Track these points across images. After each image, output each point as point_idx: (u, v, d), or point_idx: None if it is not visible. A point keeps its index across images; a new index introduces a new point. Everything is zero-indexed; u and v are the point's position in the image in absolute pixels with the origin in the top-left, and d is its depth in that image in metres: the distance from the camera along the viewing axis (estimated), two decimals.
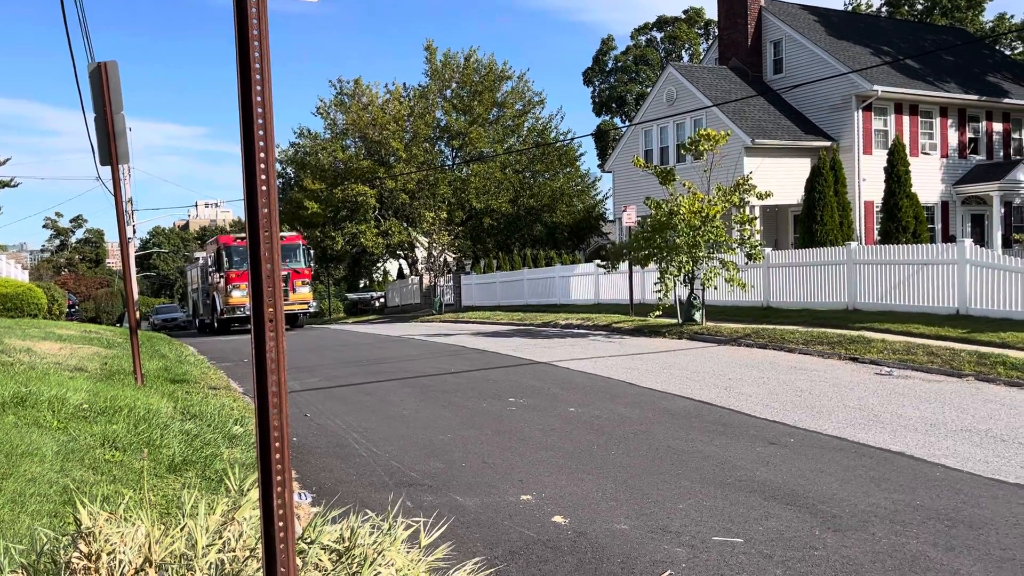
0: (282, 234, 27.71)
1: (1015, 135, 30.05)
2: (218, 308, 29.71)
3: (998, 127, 29.59)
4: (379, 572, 2.91)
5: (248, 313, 15.90)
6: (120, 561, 2.81)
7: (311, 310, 29.61)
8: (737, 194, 17.31)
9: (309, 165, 40.34)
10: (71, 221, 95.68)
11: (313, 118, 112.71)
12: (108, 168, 9.60)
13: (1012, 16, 49.53)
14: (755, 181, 17.63)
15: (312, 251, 32.54)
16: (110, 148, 9.22)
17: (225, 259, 28.44)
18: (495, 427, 8.39)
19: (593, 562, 4.61)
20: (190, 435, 6.86)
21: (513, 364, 13.59)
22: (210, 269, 31.05)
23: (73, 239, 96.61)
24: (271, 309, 2.25)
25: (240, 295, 27.38)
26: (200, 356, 16.42)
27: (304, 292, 28.84)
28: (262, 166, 2.24)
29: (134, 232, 41.20)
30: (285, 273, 26.77)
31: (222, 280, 28.63)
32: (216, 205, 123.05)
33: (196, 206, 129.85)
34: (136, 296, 39.71)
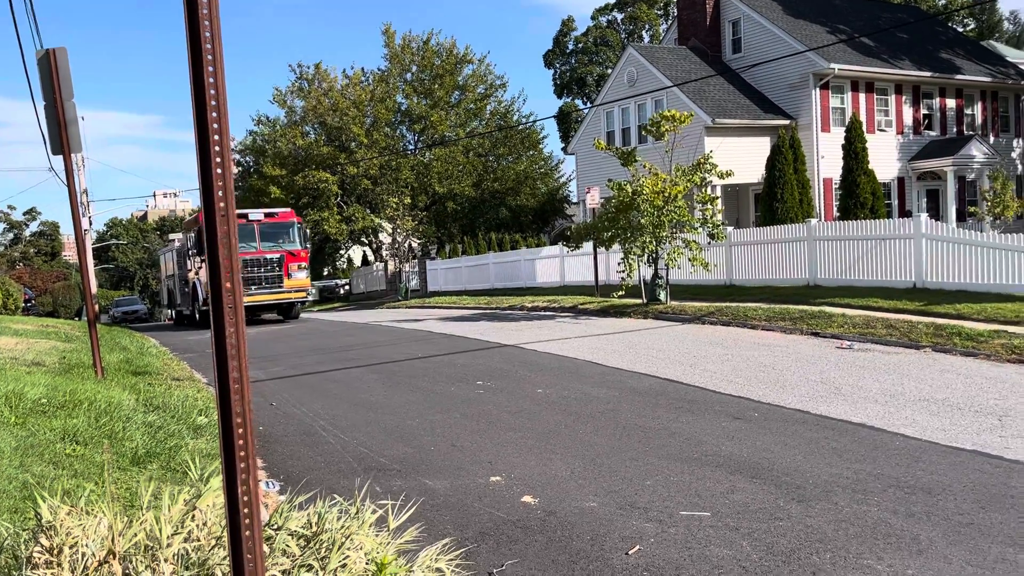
0: (273, 211, 24.85)
1: (968, 111, 30.61)
2: (200, 298, 26.18)
3: (951, 103, 30.11)
4: (348, 556, 2.90)
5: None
6: (83, 554, 2.76)
7: (310, 298, 25.88)
8: (698, 173, 17.42)
9: (268, 153, 39.80)
10: (24, 214, 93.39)
11: (271, 106, 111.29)
12: (61, 158, 9.38)
13: None
14: (716, 160, 17.73)
15: (308, 231, 28.41)
16: (61, 137, 9.01)
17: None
18: (463, 410, 8.39)
19: (563, 540, 4.65)
20: (153, 427, 6.77)
21: (480, 348, 13.59)
22: (190, 252, 26.57)
23: (27, 232, 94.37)
24: (230, 293, 2.22)
25: None
26: (162, 348, 16.18)
27: (301, 278, 24.46)
28: (216, 137, 2.19)
29: (90, 224, 40.37)
30: (278, 256, 23.62)
31: (205, 265, 26.24)
32: (175, 195, 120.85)
33: (154, 196, 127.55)
34: (94, 289, 38.90)
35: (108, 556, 2.75)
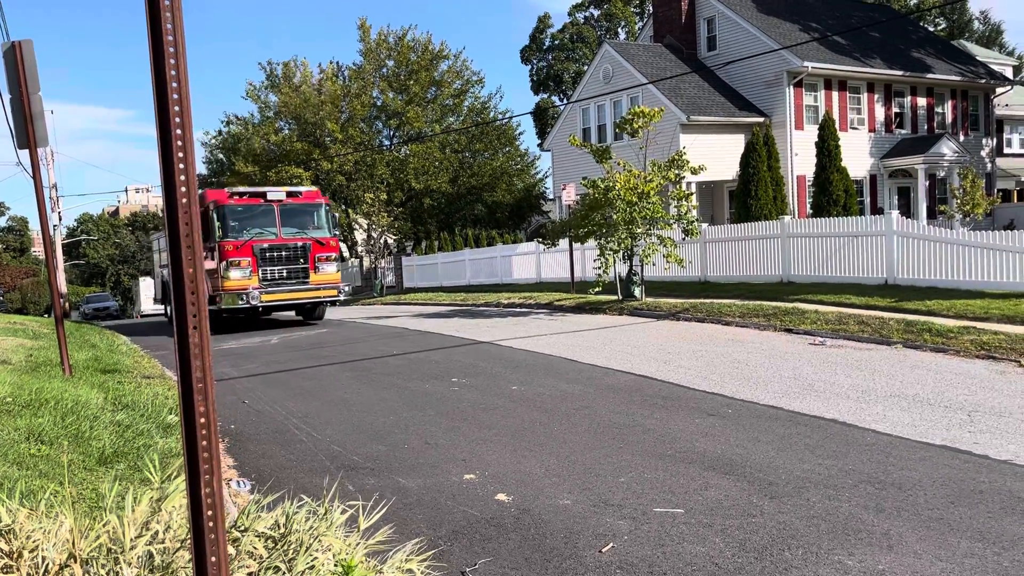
0: (297, 189, 20.36)
1: (938, 110, 30.98)
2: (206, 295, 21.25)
3: (922, 102, 30.46)
4: (315, 558, 2.85)
5: (257, 303, 16.42)
6: (43, 558, 2.70)
7: (341, 297, 19.91)
8: (672, 170, 17.47)
9: (240, 151, 39.41)
10: None
11: (243, 103, 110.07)
12: (27, 152, 9.20)
13: None
14: (691, 157, 17.80)
15: (337, 215, 22.85)
16: (27, 131, 8.84)
17: (218, 224, 18.22)
18: (437, 408, 8.35)
19: (537, 538, 4.63)
20: (122, 426, 6.66)
21: (455, 344, 13.54)
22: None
23: None
24: (192, 289, 2.16)
25: (241, 276, 18.17)
26: (133, 345, 15.96)
27: (330, 272, 19.29)
28: (178, 132, 2.14)
29: (60, 219, 39.74)
30: (302, 244, 18.89)
31: (213, 254, 18.61)
32: (147, 190, 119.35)
33: (126, 191, 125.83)
34: (63, 286, 38.25)
35: (69, 560, 2.69)
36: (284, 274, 18.63)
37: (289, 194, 19.33)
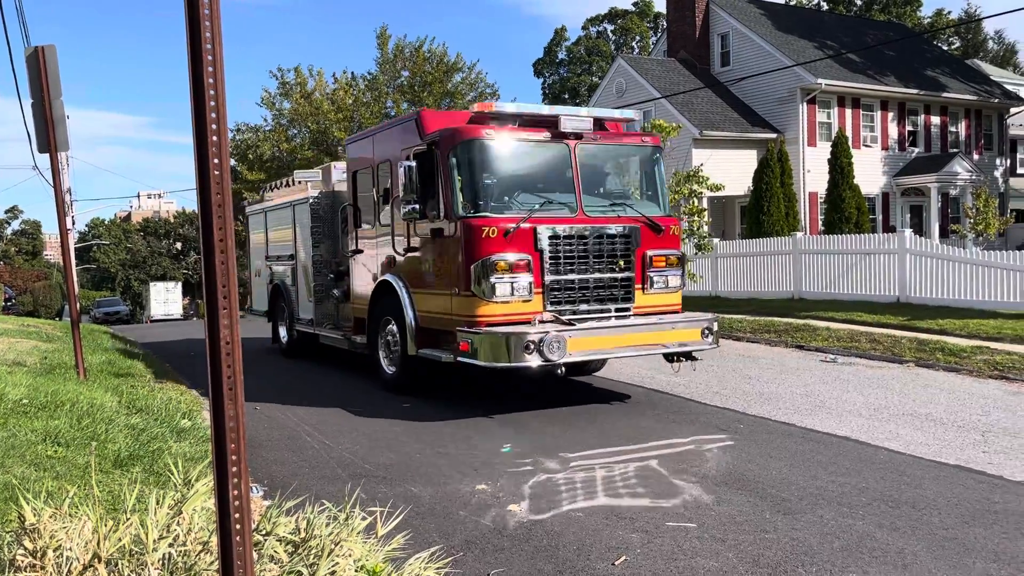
0: (606, 112, 9.75)
1: (952, 128, 30.94)
2: (410, 322, 9.13)
3: (936, 120, 30.43)
4: (337, 563, 2.87)
5: (558, 358, 7.20)
6: (67, 558, 2.73)
7: (709, 341, 8.87)
8: (687, 185, 17.49)
9: (248, 158, 39.60)
10: (6, 212, 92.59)
11: (254, 110, 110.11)
12: (46, 157, 9.30)
13: (949, 12, 51.04)
14: (703, 172, 17.83)
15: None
16: (48, 135, 8.93)
17: (459, 178, 8.46)
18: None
19: (549, 549, 4.63)
20: (136, 429, 6.70)
21: None
22: (351, 210, 11.13)
23: (8, 231, 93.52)
24: (224, 291, 2.20)
25: (513, 293, 8.16)
26: (145, 350, 16.04)
27: (670, 289, 9.11)
28: (214, 149, 2.18)
29: (73, 223, 40.05)
30: (625, 229, 8.77)
31: (463, 245, 8.29)
32: (159, 196, 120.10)
33: (138, 196, 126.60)
34: (76, 289, 38.55)
35: (93, 560, 2.72)
36: (594, 292, 8.65)
37: (597, 122, 9.18)
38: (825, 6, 47.75)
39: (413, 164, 8.51)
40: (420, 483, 6.00)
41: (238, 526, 2.20)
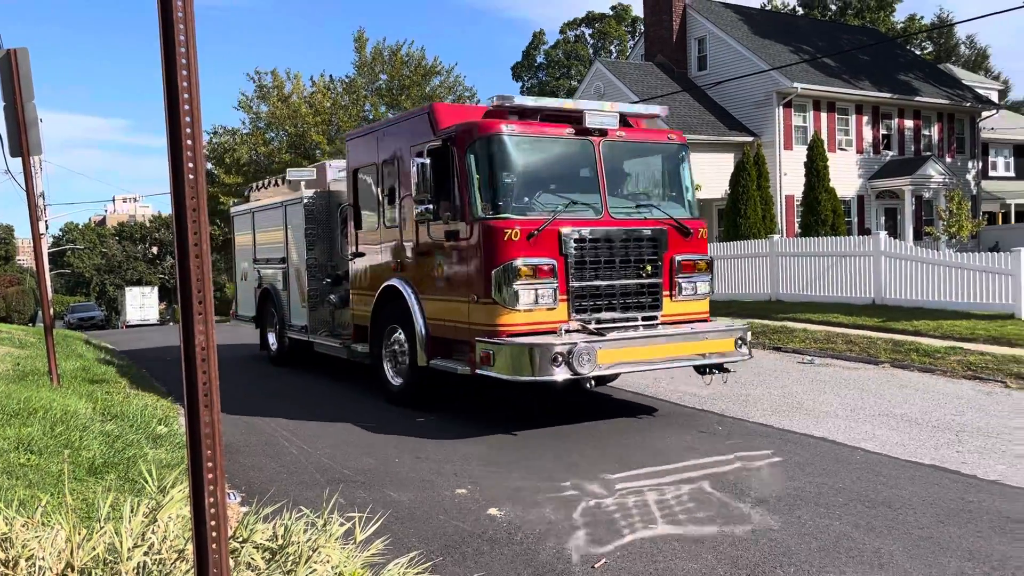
0: (631, 109, 9.41)
1: (925, 132, 31.32)
2: (420, 330, 8.55)
3: (909, 124, 30.80)
4: (315, 569, 2.85)
5: (589, 371, 6.50)
6: (40, 568, 2.69)
7: (744, 351, 8.32)
8: None
9: (225, 162, 39.32)
10: None
11: (231, 113, 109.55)
12: (18, 161, 9.18)
13: (922, 17, 51.64)
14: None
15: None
16: (21, 139, 8.81)
17: (477, 176, 7.88)
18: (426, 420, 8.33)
19: (528, 553, 4.63)
20: (111, 436, 6.61)
21: None
22: (351, 208, 10.46)
23: None
24: (200, 296, 2.18)
25: (538, 300, 7.60)
26: (121, 356, 15.87)
27: (699, 295, 8.61)
28: (189, 153, 2.16)
29: (47, 228, 39.57)
30: (652, 232, 8.31)
31: (482, 248, 7.73)
32: (135, 200, 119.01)
33: (113, 201, 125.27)
34: (50, 294, 37.99)
35: (66, 569, 2.68)
36: (620, 300, 8.13)
37: (623, 119, 8.82)
38: (800, 11, 48.28)
39: (427, 161, 7.88)
40: (399, 488, 5.97)
41: (214, 533, 2.18)
